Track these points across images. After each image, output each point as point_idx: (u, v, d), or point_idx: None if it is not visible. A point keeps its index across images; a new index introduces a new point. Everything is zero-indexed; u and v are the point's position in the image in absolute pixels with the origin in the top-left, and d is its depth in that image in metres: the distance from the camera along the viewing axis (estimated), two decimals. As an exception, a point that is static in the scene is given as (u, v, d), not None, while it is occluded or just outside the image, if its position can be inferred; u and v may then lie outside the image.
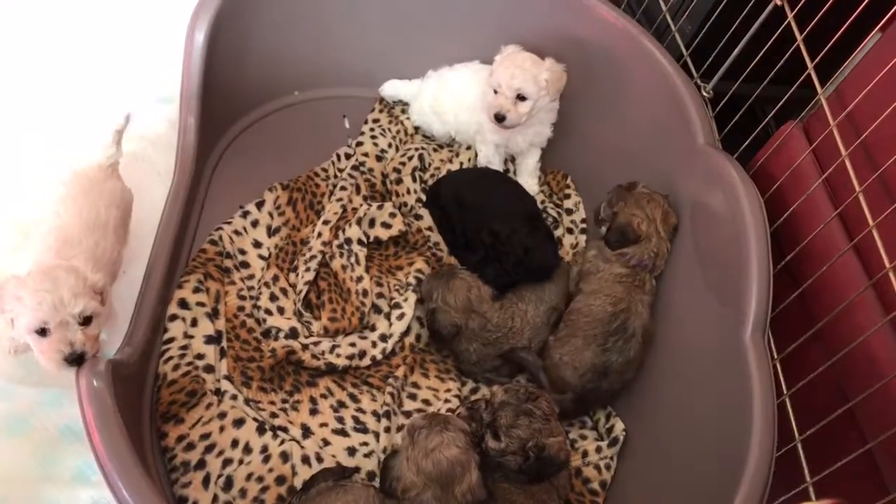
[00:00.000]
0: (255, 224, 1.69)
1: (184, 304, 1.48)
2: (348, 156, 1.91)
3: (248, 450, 1.37)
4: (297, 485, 1.33)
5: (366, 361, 1.57)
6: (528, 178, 1.97)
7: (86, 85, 1.96)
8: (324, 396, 1.51)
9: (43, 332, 1.18)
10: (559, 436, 1.31)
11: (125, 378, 1.24)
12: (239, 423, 1.39)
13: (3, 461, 1.36)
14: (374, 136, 1.98)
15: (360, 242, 1.70)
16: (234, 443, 1.37)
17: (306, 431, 1.43)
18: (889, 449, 1.16)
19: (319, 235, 1.71)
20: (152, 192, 1.69)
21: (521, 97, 1.74)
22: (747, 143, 1.56)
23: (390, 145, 1.99)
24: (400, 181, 1.89)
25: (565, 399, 1.53)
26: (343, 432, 1.46)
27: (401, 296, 1.67)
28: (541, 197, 1.97)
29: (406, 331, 1.63)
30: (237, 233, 1.66)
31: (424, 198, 1.89)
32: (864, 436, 1.21)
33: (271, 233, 1.70)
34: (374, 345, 1.59)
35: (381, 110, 2.07)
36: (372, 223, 1.76)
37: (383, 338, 1.61)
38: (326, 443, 1.43)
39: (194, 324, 1.48)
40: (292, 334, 1.54)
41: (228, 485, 1.32)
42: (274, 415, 1.44)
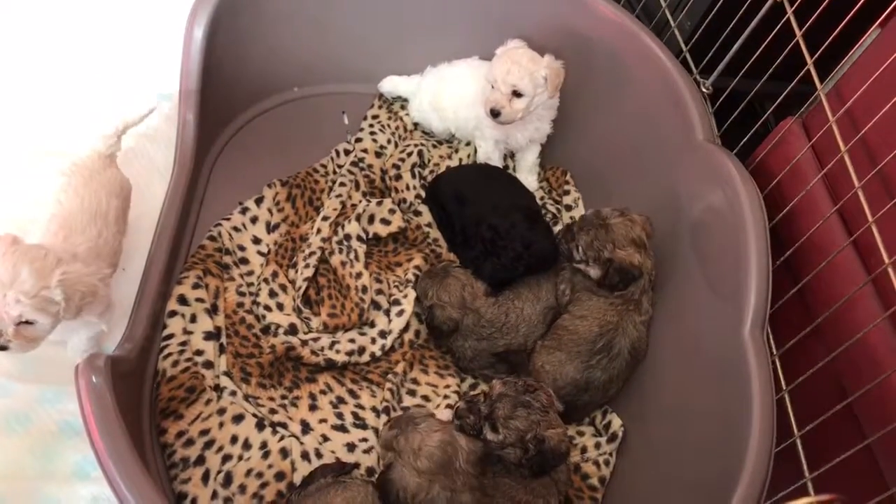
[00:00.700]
0: (254, 220, 1.69)
1: (183, 301, 1.48)
2: (347, 152, 1.91)
3: (247, 446, 1.37)
4: (296, 481, 1.33)
5: (365, 358, 1.57)
6: (528, 175, 1.97)
7: (84, 81, 1.96)
8: (323, 392, 1.51)
9: None
10: (559, 427, 1.31)
11: (124, 374, 1.24)
12: (238, 419, 1.40)
13: (2, 458, 1.35)
14: (373, 133, 1.98)
15: (359, 239, 1.70)
16: (234, 439, 1.37)
17: (306, 427, 1.43)
18: (888, 444, 1.16)
19: (318, 232, 1.71)
20: (151, 189, 1.70)
21: (517, 93, 1.73)
22: (746, 138, 1.55)
23: (389, 141, 1.98)
24: (399, 177, 1.89)
25: None
26: (342, 428, 1.46)
27: (400, 292, 1.67)
28: (540, 193, 1.97)
29: (405, 327, 1.63)
30: (236, 229, 1.66)
31: (424, 194, 1.89)
32: (863, 431, 1.21)
33: (270, 229, 1.70)
34: (374, 341, 1.59)
35: (381, 106, 2.07)
36: (371, 219, 1.76)
37: (382, 334, 1.61)
38: (326, 439, 1.43)
39: (193, 320, 1.48)
40: (291, 330, 1.54)
41: (228, 481, 1.32)
42: (273, 411, 1.44)
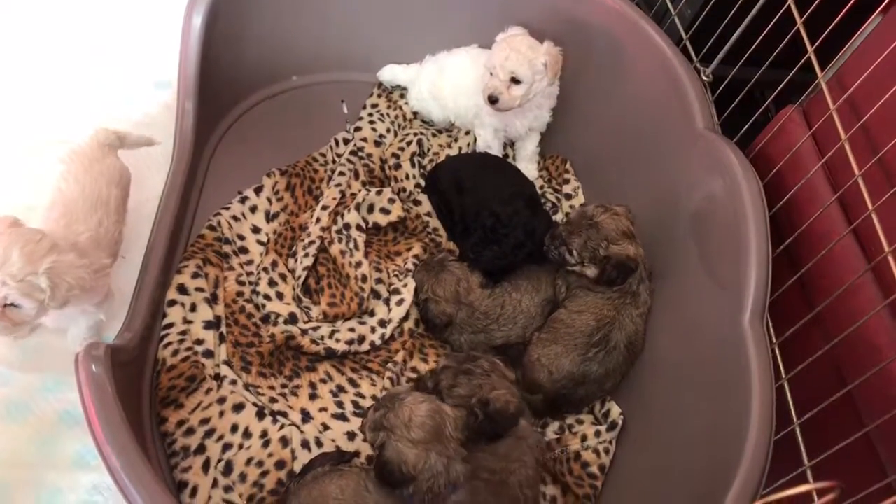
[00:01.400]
0: (253, 209, 1.69)
1: (183, 290, 1.48)
2: (347, 141, 1.91)
3: (247, 434, 1.38)
4: (296, 469, 1.34)
5: (365, 346, 1.57)
6: (527, 163, 1.96)
7: (83, 69, 1.95)
8: (323, 381, 1.51)
9: None
10: (502, 389, 1.30)
11: (124, 363, 1.24)
12: (238, 408, 1.40)
13: (2, 446, 1.36)
14: (372, 122, 1.98)
15: (358, 228, 1.70)
16: (234, 428, 1.38)
17: (306, 416, 1.44)
18: (887, 432, 1.16)
19: (318, 221, 1.70)
20: (150, 178, 1.69)
21: (515, 80, 1.72)
22: (747, 127, 1.55)
23: (389, 130, 1.98)
24: (399, 166, 1.89)
25: (535, 400, 1.53)
26: (342, 417, 1.46)
27: (400, 281, 1.67)
28: (540, 182, 1.97)
29: (405, 316, 1.63)
30: (236, 218, 1.66)
31: (423, 183, 1.89)
32: (862, 419, 1.22)
33: (270, 218, 1.70)
34: (374, 330, 1.59)
35: (380, 95, 2.07)
36: (371, 209, 1.76)
37: (382, 323, 1.61)
38: (326, 427, 1.43)
39: (193, 309, 1.48)
40: (291, 319, 1.54)
41: (228, 469, 1.32)
42: (273, 400, 1.44)
